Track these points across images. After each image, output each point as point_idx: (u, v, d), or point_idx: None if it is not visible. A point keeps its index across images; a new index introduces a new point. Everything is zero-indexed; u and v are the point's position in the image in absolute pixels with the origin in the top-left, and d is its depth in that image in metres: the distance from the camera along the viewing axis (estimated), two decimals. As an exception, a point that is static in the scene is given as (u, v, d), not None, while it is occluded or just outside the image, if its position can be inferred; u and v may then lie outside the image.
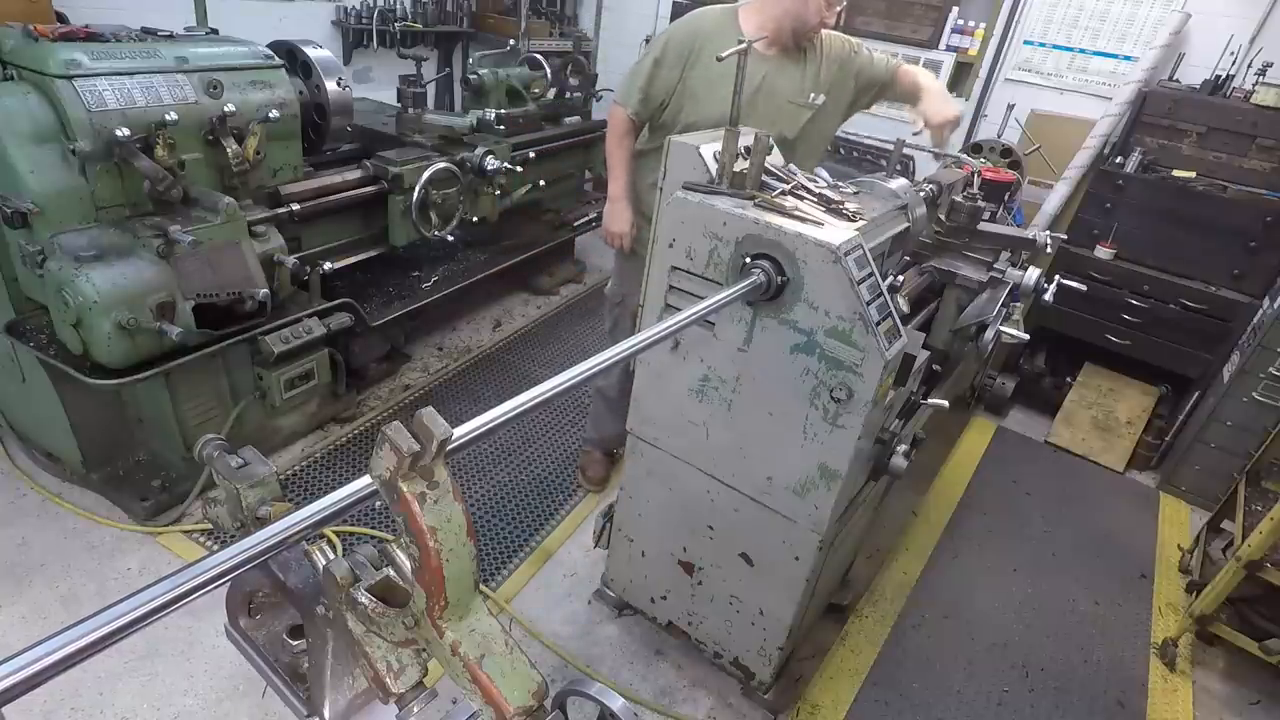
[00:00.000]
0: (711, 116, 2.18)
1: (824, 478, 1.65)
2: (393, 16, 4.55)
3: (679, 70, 2.22)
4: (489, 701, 0.69)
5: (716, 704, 2.17)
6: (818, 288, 1.49)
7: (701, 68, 2.20)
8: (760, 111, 2.21)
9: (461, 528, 0.67)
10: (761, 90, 2.21)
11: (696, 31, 2.22)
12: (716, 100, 2.15)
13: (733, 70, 2.08)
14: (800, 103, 2.26)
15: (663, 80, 2.24)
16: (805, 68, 2.26)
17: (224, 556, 0.64)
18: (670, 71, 2.22)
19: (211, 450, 0.77)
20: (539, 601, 2.42)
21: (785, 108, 2.25)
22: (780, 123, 2.24)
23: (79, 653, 0.54)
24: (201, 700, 1.98)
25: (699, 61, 2.20)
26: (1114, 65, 3.92)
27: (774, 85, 2.23)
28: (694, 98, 2.22)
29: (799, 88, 2.25)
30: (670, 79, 2.23)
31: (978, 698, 2.29)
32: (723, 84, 2.08)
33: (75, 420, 2.40)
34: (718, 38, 2.18)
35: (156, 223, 2.17)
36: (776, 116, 2.24)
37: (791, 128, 2.27)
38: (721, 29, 2.22)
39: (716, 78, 2.15)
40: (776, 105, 2.24)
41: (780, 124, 2.23)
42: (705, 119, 2.19)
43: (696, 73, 2.20)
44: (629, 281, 2.58)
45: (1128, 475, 3.51)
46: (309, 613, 0.77)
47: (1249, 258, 3.24)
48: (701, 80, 2.20)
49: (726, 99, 2.06)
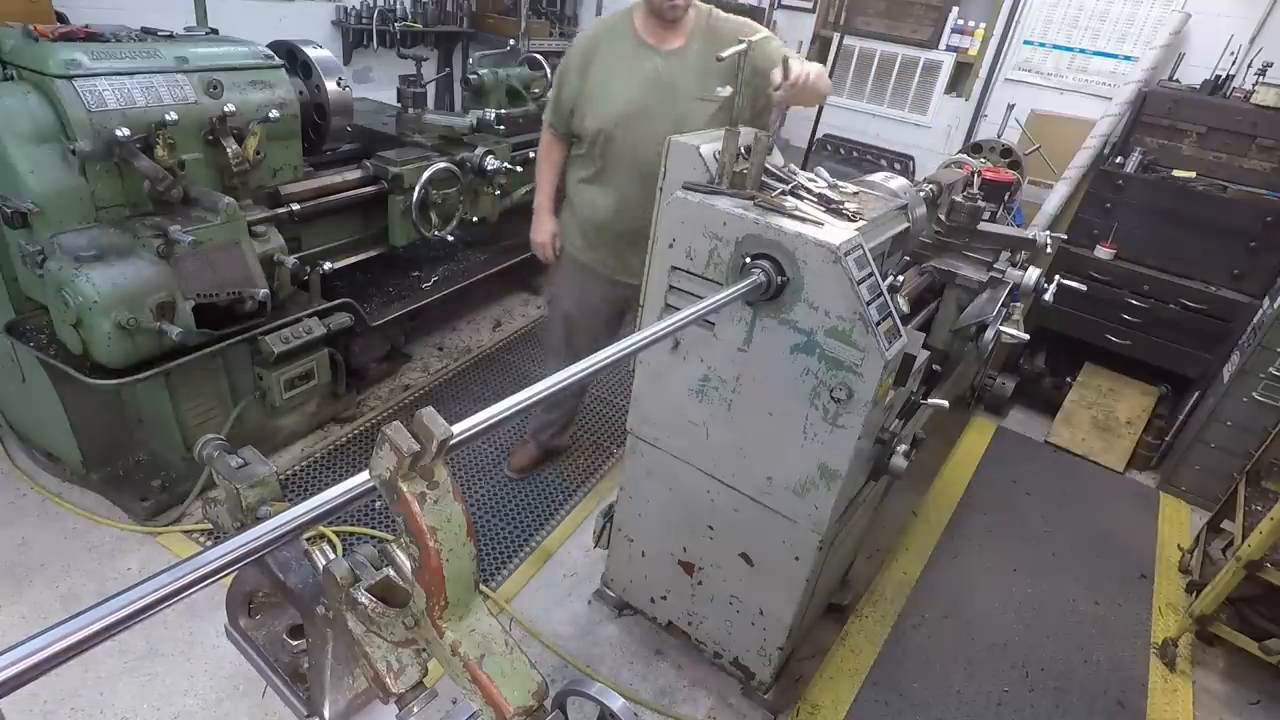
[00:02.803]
0: (602, 115, 2.17)
1: (824, 478, 1.65)
2: (393, 16, 4.55)
3: (580, 77, 2.21)
4: (489, 701, 0.69)
5: (716, 704, 2.17)
6: (818, 288, 1.49)
7: (595, 70, 2.19)
8: (659, 108, 2.14)
9: (461, 528, 0.67)
10: (658, 86, 2.14)
11: (595, 35, 2.24)
12: (608, 99, 2.16)
13: (624, 67, 2.11)
14: (704, 96, 2.14)
15: (570, 88, 2.24)
16: (704, 58, 2.13)
17: (222, 551, 0.64)
18: (575, 79, 2.22)
19: (211, 450, 0.77)
20: (539, 601, 2.42)
21: (687, 102, 2.15)
22: (685, 120, 2.13)
23: (77, 645, 0.54)
24: (201, 700, 1.98)
25: (593, 65, 2.19)
26: (1114, 65, 3.92)
27: (672, 80, 2.15)
28: (589, 98, 2.20)
29: (700, 81, 2.13)
30: (575, 86, 2.23)
31: (978, 698, 2.29)
32: (614, 82, 2.15)
33: (75, 420, 2.40)
34: (612, 38, 2.19)
35: (156, 223, 2.17)
36: (678, 113, 2.14)
37: (695, 122, 2.14)
38: (616, 29, 2.20)
39: (608, 77, 2.16)
40: (675, 100, 2.15)
41: (685, 121, 2.12)
42: (596, 118, 2.18)
43: (591, 76, 2.19)
44: (559, 282, 2.63)
45: (1128, 475, 3.51)
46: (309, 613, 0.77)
47: (1249, 258, 3.24)
48: (595, 82, 2.19)
49: (617, 97, 2.13)
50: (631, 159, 2.20)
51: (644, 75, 2.14)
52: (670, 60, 2.15)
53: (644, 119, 2.14)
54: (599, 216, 2.35)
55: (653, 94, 2.14)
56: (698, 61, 2.15)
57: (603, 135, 2.20)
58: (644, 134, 2.14)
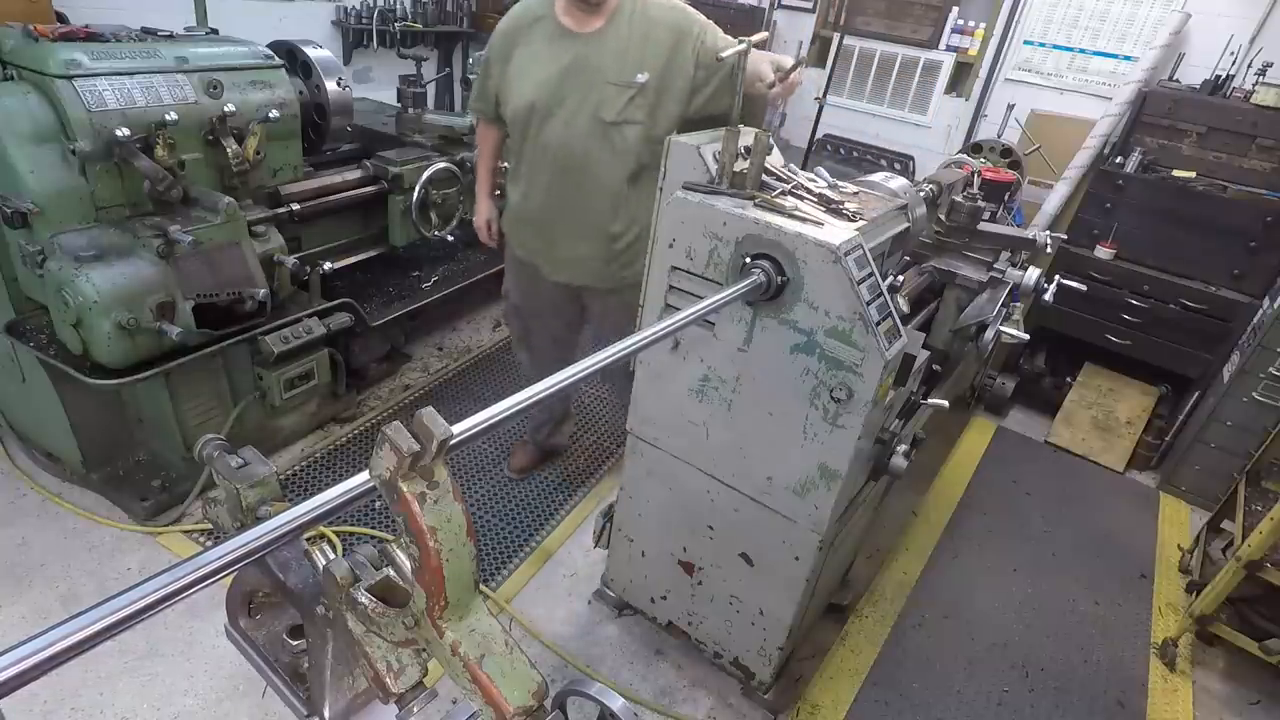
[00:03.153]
0: (515, 103, 2.11)
1: (824, 478, 1.65)
2: (393, 16, 4.55)
3: (502, 64, 2.15)
4: (489, 701, 0.69)
5: (716, 704, 2.17)
6: (818, 288, 1.49)
7: (516, 56, 2.11)
8: (571, 94, 2.05)
9: (461, 528, 0.67)
10: (570, 70, 2.04)
11: (517, 21, 2.13)
12: (521, 87, 2.09)
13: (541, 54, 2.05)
14: (620, 82, 2.04)
15: (494, 76, 2.19)
16: (626, 43, 2.04)
17: (222, 551, 0.64)
18: (498, 66, 2.16)
19: (211, 450, 0.77)
20: (539, 601, 2.42)
21: (602, 88, 2.04)
22: (599, 106, 2.04)
23: (77, 645, 0.54)
24: (201, 700, 1.98)
25: (514, 50, 2.12)
26: (1114, 65, 3.92)
27: (587, 63, 2.04)
28: (509, 84, 2.13)
29: (617, 65, 2.03)
30: (498, 73, 2.17)
31: (978, 698, 2.29)
32: (529, 69, 2.08)
33: (75, 420, 2.40)
34: (533, 23, 2.10)
35: (156, 223, 2.17)
36: (591, 98, 2.04)
37: (610, 109, 2.05)
38: (537, 14, 2.10)
39: (525, 64, 2.09)
40: (590, 85, 2.04)
41: (601, 108, 2.04)
42: (510, 106, 2.13)
43: (512, 61, 2.12)
44: (506, 274, 2.60)
45: (1128, 475, 3.51)
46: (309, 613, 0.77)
47: (1249, 258, 3.24)
48: (515, 68, 2.12)
49: (529, 84, 2.07)
50: (546, 149, 2.12)
51: (560, 61, 2.04)
52: (589, 44, 2.04)
53: (557, 107, 2.06)
54: (517, 210, 2.31)
55: (567, 80, 2.04)
56: (617, 45, 2.03)
57: (517, 124, 2.14)
58: (558, 122, 2.07)
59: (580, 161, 2.10)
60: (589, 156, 2.09)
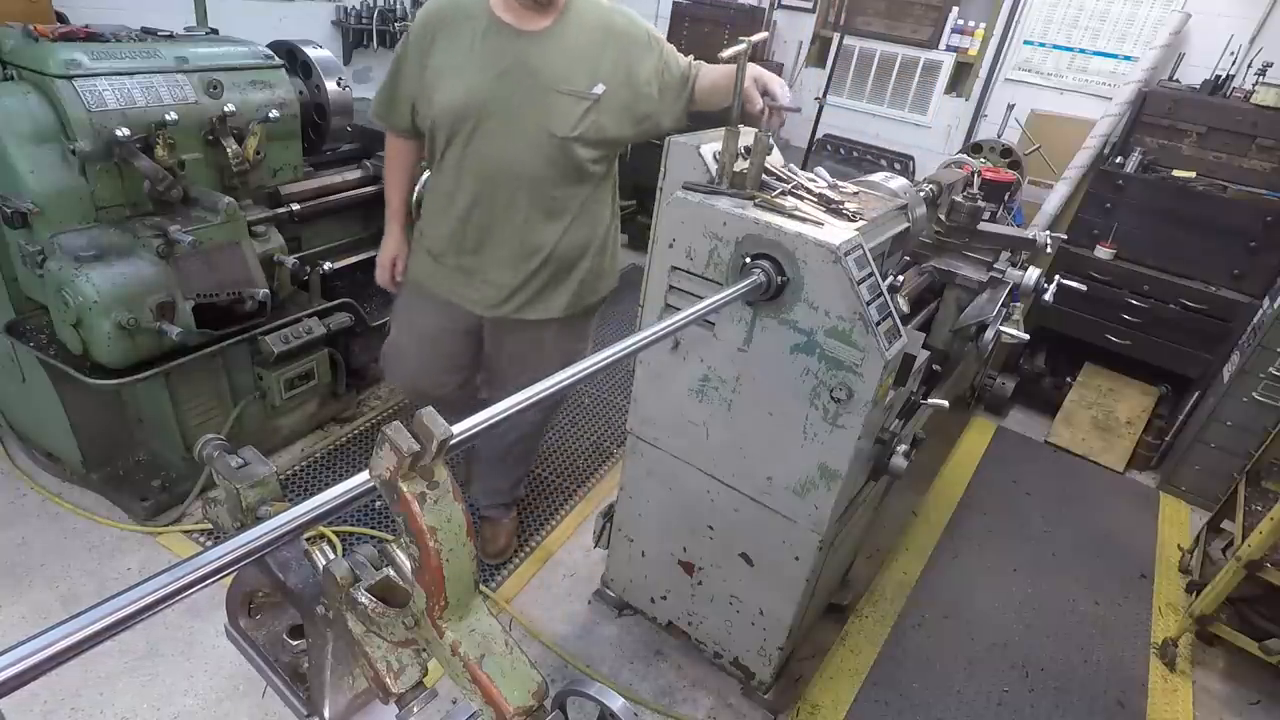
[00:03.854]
0: (440, 108, 1.80)
1: (824, 478, 1.65)
2: (393, 16, 4.55)
3: (420, 65, 1.83)
4: (489, 701, 0.69)
5: (716, 704, 2.17)
6: (818, 288, 1.49)
7: (437, 53, 1.81)
8: (515, 101, 1.77)
9: (461, 528, 0.67)
10: (511, 72, 1.76)
11: (438, 14, 1.82)
12: (448, 90, 1.79)
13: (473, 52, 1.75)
14: (572, 91, 1.78)
15: (409, 80, 1.86)
16: (579, 48, 1.80)
17: (222, 551, 0.64)
18: (414, 68, 1.84)
19: (211, 450, 0.77)
20: (539, 601, 2.42)
21: (551, 97, 1.78)
22: (548, 117, 1.79)
23: (77, 645, 0.54)
24: (201, 700, 1.98)
25: (435, 48, 1.81)
26: (1114, 65, 3.92)
27: (532, 66, 1.77)
28: (430, 86, 1.82)
29: (569, 71, 1.78)
30: (415, 77, 1.85)
31: (978, 698, 2.29)
32: (458, 70, 1.78)
33: (75, 420, 2.40)
34: (460, 18, 1.79)
35: (156, 223, 2.17)
36: (541, 107, 1.78)
37: (564, 123, 1.79)
38: (466, 7, 1.80)
39: (451, 64, 1.79)
40: (536, 92, 1.78)
41: (548, 118, 1.79)
42: (433, 112, 1.82)
43: (435, 59, 1.81)
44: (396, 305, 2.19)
45: (1128, 475, 3.51)
46: (309, 613, 0.77)
47: (1249, 258, 3.24)
48: (438, 67, 1.80)
49: (459, 87, 1.76)
50: (477, 162, 1.83)
51: (497, 62, 1.76)
52: (534, 44, 1.76)
53: (495, 115, 1.78)
54: (435, 234, 1.98)
55: (507, 84, 1.76)
56: (568, 49, 1.78)
57: (440, 133, 1.85)
58: (495, 133, 1.80)
59: (520, 178, 1.84)
60: (532, 173, 1.83)
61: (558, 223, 1.92)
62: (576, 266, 2.01)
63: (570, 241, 1.96)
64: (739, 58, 1.62)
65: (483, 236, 1.92)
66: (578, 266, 2.01)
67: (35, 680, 0.53)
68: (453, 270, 1.99)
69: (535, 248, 1.93)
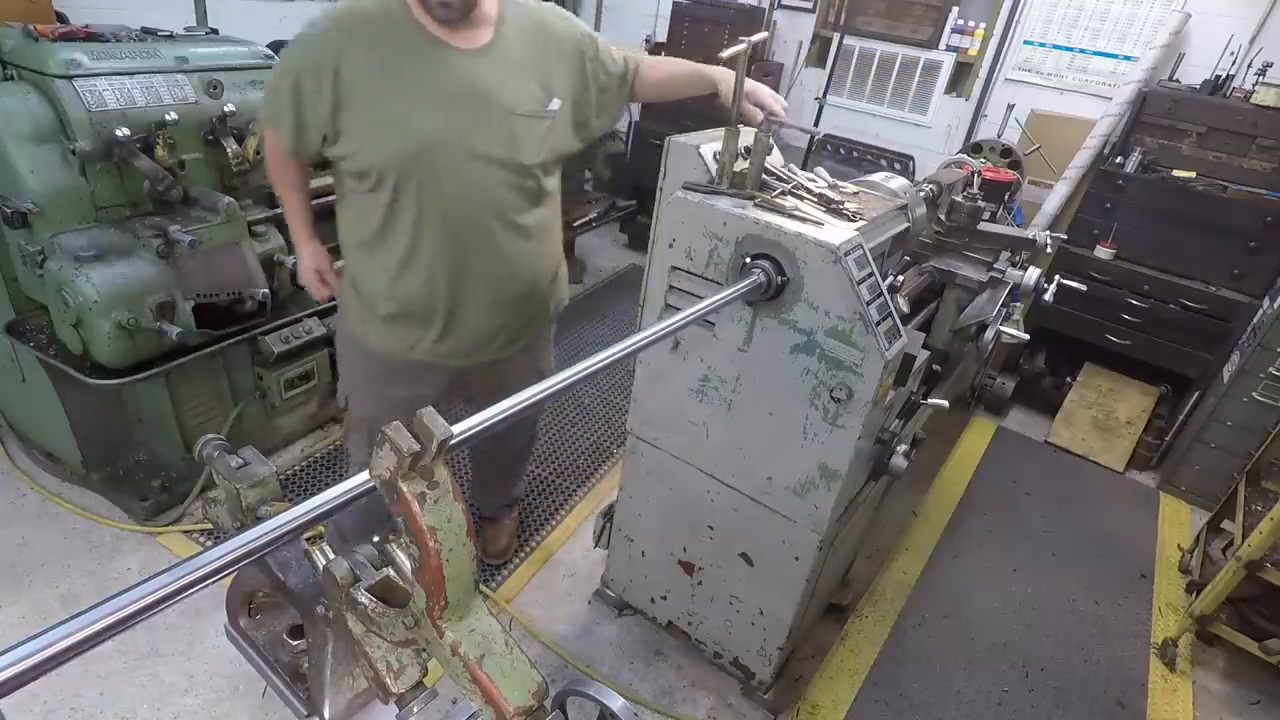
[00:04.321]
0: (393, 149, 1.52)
1: (824, 478, 1.65)
2: (393, 16, 4.54)
3: (333, 85, 1.49)
4: (489, 701, 0.69)
5: (716, 704, 2.17)
6: (818, 288, 1.49)
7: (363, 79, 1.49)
8: (474, 132, 1.54)
9: (461, 528, 0.67)
10: (463, 99, 1.52)
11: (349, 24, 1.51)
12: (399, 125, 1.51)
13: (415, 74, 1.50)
14: (530, 112, 1.59)
15: (320, 102, 1.52)
16: (525, 60, 1.59)
17: (222, 551, 0.64)
18: (326, 88, 1.50)
19: (211, 450, 0.77)
20: (539, 601, 2.42)
21: (514, 123, 1.58)
22: (513, 146, 1.58)
23: (77, 645, 0.54)
24: (201, 700, 1.98)
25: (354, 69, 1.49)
26: (1114, 65, 3.92)
27: (484, 89, 1.53)
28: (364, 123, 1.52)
29: (522, 89, 1.58)
30: (327, 99, 1.51)
31: (978, 698, 2.29)
32: (410, 99, 1.50)
33: (75, 420, 2.40)
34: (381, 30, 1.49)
35: (156, 223, 2.17)
36: (503, 136, 1.57)
37: (530, 149, 1.61)
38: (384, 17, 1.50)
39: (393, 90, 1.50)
40: (497, 120, 1.56)
41: (513, 148, 1.59)
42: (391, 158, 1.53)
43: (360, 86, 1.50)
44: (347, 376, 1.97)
45: (1128, 475, 3.51)
46: (309, 613, 0.77)
47: (1249, 258, 3.24)
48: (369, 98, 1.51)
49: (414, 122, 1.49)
50: (441, 209, 1.60)
51: (443, 89, 1.51)
52: (479, 63, 1.53)
53: (453, 153, 1.54)
54: (403, 293, 1.69)
55: (462, 115, 1.53)
56: (515, 61, 1.58)
57: (388, 178, 1.56)
58: (456, 173, 1.56)
59: (488, 216, 1.63)
60: (500, 207, 1.64)
61: (529, 249, 1.76)
62: (547, 287, 1.91)
63: (542, 264, 1.83)
64: (739, 58, 1.62)
65: (457, 286, 1.70)
66: (548, 286, 1.91)
67: (35, 680, 0.53)
68: (422, 331, 1.74)
69: (515, 282, 1.77)
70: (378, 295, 1.72)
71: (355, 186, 1.63)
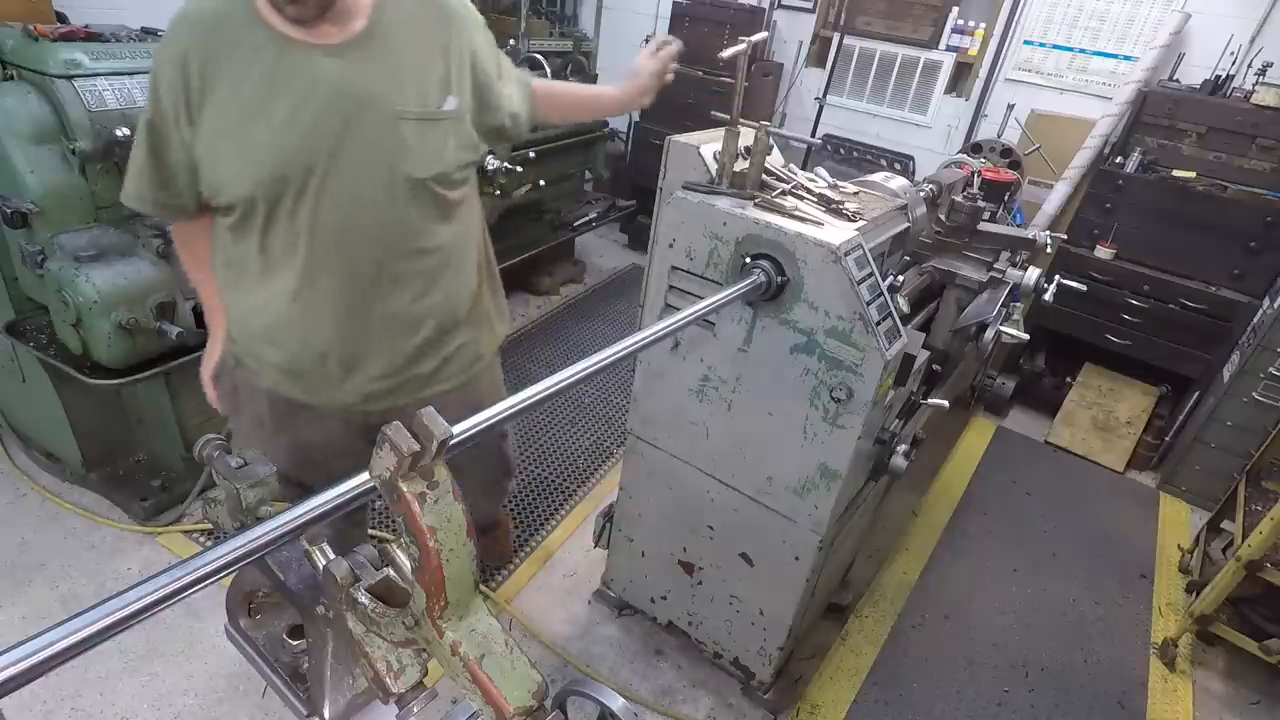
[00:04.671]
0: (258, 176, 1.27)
1: (824, 478, 1.65)
2: (393, 16, 4.54)
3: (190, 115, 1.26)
4: (489, 701, 0.69)
5: (716, 704, 2.17)
6: (818, 288, 1.49)
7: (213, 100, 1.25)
8: (348, 142, 1.28)
9: (461, 528, 0.67)
10: (332, 109, 1.26)
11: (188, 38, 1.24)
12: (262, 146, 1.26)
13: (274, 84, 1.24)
14: (424, 113, 1.32)
15: (178, 141, 1.28)
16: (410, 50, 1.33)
17: (222, 551, 0.64)
18: (183, 122, 1.26)
19: (211, 450, 0.77)
20: (539, 601, 2.42)
21: (399, 128, 1.30)
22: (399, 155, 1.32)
23: (77, 645, 0.55)
24: (201, 700, 1.98)
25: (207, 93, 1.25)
26: (1114, 65, 3.92)
27: (360, 92, 1.27)
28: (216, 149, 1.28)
29: (407, 88, 1.31)
30: (182, 138, 1.28)
31: (978, 698, 2.29)
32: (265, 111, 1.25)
33: (75, 420, 2.40)
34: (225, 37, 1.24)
35: (156, 222, 2.17)
36: (386, 144, 1.30)
37: (421, 160, 1.33)
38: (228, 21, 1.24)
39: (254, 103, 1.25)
40: (377, 125, 1.29)
41: (400, 158, 1.32)
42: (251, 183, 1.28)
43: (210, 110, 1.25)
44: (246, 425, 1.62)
45: (1128, 475, 3.51)
46: (309, 613, 0.77)
47: (1249, 258, 3.24)
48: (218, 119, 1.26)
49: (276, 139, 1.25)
50: (320, 239, 1.32)
51: (307, 92, 1.25)
52: (347, 60, 1.27)
53: (326, 170, 1.28)
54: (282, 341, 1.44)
55: (330, 124, 1.26)
56: (397, 52, 1.31)
57: (255, 209, 1.31)
58: (332, 193, 1.30)
59: (377, 240, 1.36)
60: (390, 229, 1.37)
61: (439, 276, 1.48)
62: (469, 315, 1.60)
63: (457, 292, 1.54)
64: (739, 58, 1.62)
65: (352, 329, 1.43)
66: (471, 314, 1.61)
67: (35, 680, 0.53)
68: (316, 381, 1.48)
69: (418, 315, 1.48)
70: (260, 344, 1.46)
71: (223, 222, 1.38)
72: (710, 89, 4.46)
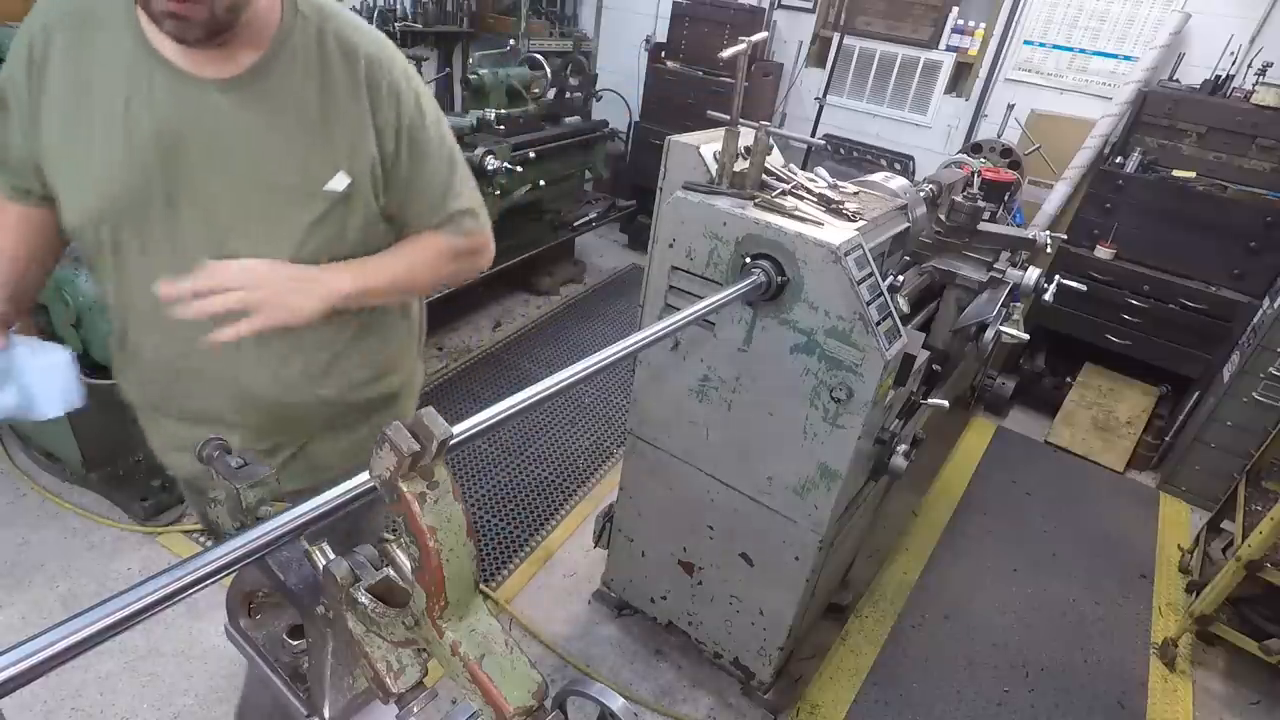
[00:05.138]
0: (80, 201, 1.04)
1: (824, 478, 1.65)
2: (393, 16, 4.55)
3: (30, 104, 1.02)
4: (489, 701, 0.69)
5: (716, 704, 2.17)
6: (818, 288, 1.49)
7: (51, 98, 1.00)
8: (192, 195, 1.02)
9: (461, 528, 0.67)
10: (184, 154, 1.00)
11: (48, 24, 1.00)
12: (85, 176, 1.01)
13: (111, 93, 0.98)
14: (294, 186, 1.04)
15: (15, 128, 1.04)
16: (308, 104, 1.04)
17: (222, 551, 0.64)
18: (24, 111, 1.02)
19: (211, 450, 0.77)
20: (539, 601, 2.42)
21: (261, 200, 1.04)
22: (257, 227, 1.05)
23: (77, 645, 0.54)
24: (201, 700, 1.98)
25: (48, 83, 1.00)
26: (1114, 65, 3.92)
27: (226, 144, 1.01)
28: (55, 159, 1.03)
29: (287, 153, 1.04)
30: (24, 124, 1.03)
31: (978, 698, 2.29)
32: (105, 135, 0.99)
33: (75, 420, 2.40)
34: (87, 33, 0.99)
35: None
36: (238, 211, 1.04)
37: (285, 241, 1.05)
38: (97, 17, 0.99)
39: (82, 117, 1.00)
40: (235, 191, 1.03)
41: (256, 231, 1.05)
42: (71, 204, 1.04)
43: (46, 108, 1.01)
44: None
45: (1128, 475, 3.51)
46: (309, 613, 0.77)
47: (1249, 258, 3.24)
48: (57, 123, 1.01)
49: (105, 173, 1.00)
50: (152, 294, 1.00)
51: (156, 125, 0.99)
52: (226, 101, 1.00)
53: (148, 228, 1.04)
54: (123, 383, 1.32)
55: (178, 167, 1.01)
56: (286, 104, 1.03)
57: (89, 238, 1.07)
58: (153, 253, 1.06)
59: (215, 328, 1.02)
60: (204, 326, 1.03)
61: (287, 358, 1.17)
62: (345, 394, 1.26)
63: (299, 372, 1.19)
64: (739, 58, 1.62)
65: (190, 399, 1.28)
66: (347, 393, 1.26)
67: (35, 680, 0.53)
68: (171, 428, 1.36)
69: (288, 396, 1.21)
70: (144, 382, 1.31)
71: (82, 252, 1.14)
72: (710, 89, 4.47)
